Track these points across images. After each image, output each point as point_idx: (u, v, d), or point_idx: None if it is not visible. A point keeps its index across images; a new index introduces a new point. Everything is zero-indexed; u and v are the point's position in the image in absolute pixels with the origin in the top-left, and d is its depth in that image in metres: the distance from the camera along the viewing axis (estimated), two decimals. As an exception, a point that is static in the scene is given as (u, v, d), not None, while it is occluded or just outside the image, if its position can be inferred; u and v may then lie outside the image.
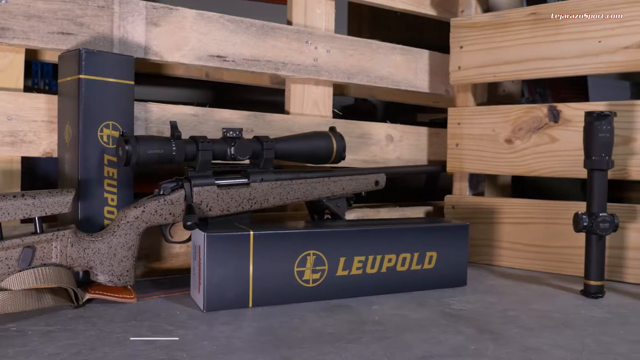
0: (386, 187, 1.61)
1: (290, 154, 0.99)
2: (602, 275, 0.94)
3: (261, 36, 1.09)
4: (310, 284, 0.87)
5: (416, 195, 1.60)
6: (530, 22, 1.13)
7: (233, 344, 0.68)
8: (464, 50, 1.22)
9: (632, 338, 0.73)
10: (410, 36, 1.43)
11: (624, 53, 1.04)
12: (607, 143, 0.93)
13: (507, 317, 0.82)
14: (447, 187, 1.33)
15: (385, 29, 1.90)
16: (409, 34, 1.65)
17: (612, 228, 0.93)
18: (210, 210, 0.90)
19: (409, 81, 1.28)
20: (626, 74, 2.00)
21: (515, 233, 1.16)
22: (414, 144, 1.29)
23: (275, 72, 1.10)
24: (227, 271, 0.82)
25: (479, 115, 1.21)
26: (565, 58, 1.10)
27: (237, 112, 1.07)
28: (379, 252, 0.92)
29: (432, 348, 0.68)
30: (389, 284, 0.93)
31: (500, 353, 0.67)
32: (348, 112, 2.39)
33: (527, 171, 1.15)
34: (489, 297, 0.93)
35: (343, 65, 1.18)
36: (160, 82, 1.58)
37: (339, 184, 1.04)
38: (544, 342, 0.71)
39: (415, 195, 1.60)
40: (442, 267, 0.97)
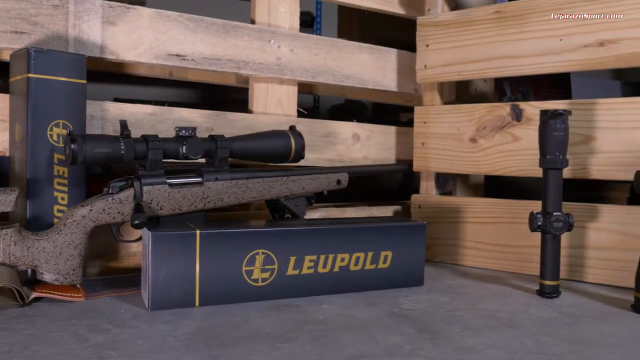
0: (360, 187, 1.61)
1: (247, 153, 0.98)
2: (557, 275, 0.93)
3: (222, 35, 1.08)
4: (260, 283, 0.87)
5: (391, 194, 1.59)
6: (494, 21, 1.13)
7: (167, 343, 0.68)
8: (430, 48, 1.21)
9: (574, 338, 0.73)
10: (401, 36, 1.41)
11: (585, 51, 1.03)
12: (562, 142, 0.92)
13: (453, 317, 0.81)
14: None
15: (376, 29, 1.89)
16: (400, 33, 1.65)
17: (566, 227, 0.92)
18: (161, 209, 0.89)
19: (376, 80, 1.27)
20: (618, 72, 2.00)
21: (479, 232, 1.15)
22: (382, 143, 1.29)
23: (236, 71, 1.10)
24: (172, 270, 0.82)
25: (444, 114, 1.20)
26: (528, 56, 1.09)
27: (197, 111, 1.07)
28: (331, 252, 0.91)
29: (366, 348, 0.68)
30: (342, 284, 0.92)
31: (433, 353, 0.66)
32: (337, 112, 2.39)
33: (491, 170, 1.14)
34: (443, 297, 0.92)
35: (307, 64, 1.18)
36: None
37: (298, 183, 1.04)
38: (482, 342, 0.71)
39: (390, 194, 1.59)
40: (397, 266, 0.96)
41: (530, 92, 1.75)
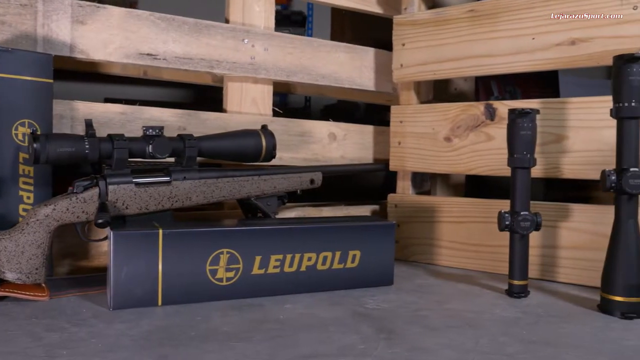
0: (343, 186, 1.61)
1: (216, 152, 0.98)
2: (525, 274, 0.93)
3: (194, 34, 1.08)
4: (224, 283, 0.87)
5: (374, 194, 1.59)
6: (468, 19, 1.12)
7: (120, 342, 0.68)
8: (406, 47, 1.21)
9: (532, 338, 0.72)
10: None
11: (556, 50, 1.02)
12: (529, 141, 0.91)
13: (416, 316, 0.81)
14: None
15: (369, 30, 1.89)
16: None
17: (533, 227, 0.91)
18: (127, 209, 0.89)
19: (353, 79, 1.27)
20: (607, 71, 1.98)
21: (454, 232, 1.15)
22: (359, 143, 1.29)
23: (209, 71, 1.10)
24: (134, 269, 0.82)
25: (420, 114, 1.20)
26: (502, 55, 1.08)
27: (169, 110, 1.07)
28: (298, 251, 0.91)
29: (320, 347, 0.67)
30: (310, 283, 0.92)
31: (385, 353, 0.66)
32: (329, 112, 2.39)
33: (466, 169, 1.14)
34: (410, 296, 0.92)
35: (282, 64, 1.18)
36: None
37: (269, 183, 1.04)
38: (439, 342, 0.70)
39: (373, 194, 1.59)
40: (366, 266, 0.96)
41: (518, 91, 1.75)
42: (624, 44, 0.96)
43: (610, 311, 0.83)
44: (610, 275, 0.84)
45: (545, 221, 1.04)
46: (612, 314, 0.83)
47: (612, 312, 0.83)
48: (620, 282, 0.83)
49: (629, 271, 0.82)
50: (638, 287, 0.82)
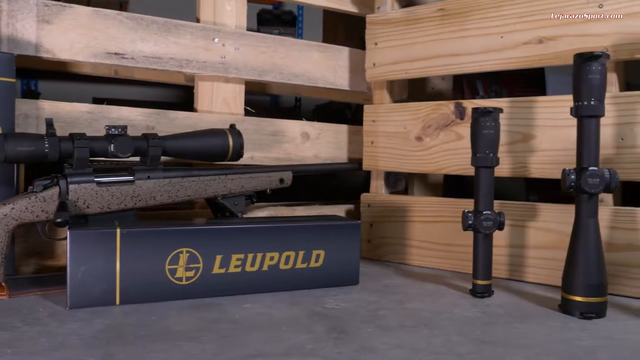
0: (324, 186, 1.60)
1: (181, 151, 0.98)
2: (488, 274, 0.93)
3: (163, 33, 1.08)
4: (184, 282, 0.87)
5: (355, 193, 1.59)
6: (438, 18, 1.12)
7: (68, 341, 0.67)
8: (379, 47, 1.21)
9: (485, 339, 0.72)
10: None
11: (524, 49, 1.02)
12: (492, 140, 0.91)
13: (373, 316, 0.81)
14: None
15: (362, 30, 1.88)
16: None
17: (496, 226, 0.91)
18: (88, 208, 0.89)
19: (327, 79, 1.27)
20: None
21: (425, 231, 1.14)
22: (333, 142, 1.28)
23: (179, 70, 1.10)
24: (91, 268, 0.81)
25: (392, 113, 1.20)
26: (471, 54, 1.08)
27: (137, 110, 1.07)
28: (260, 250, 0.91)
29: (267, 347, 0.67)
30: (272, 283, 0.92)
31: (331, 353, 0.66)
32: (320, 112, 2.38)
33: (436, 169, 1.13)
34: (372, 296, 0.92)
35: (254, 63, 1.17)
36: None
37: (237, 182, 1.03)
38: (389, 342, 0.70)
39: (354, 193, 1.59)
40: (331, 265, 0.96)
41: (504, 91, 1.74)
42: (590, 43, 0.95)
43: (570, 311, 0.83)
44: (570, 275, 0.83)
45: (514, 221, 1.04)
46: (571, 314, 0.83)
47: (571, 312, 0.83)
48: (580, 282, 0.82)
49: (589, 271, 0.82)
50: (597, 287, 0.82)
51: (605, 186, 0.81)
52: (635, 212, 0.92)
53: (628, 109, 0.93)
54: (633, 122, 0.92)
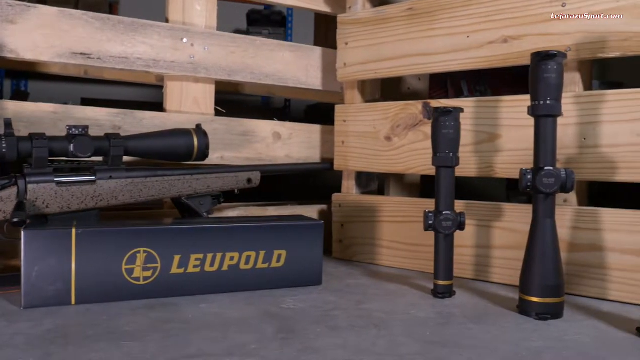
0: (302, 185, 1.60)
1: (145, 151, 0.98)
2: (449, 274, 0.92)
3: (130, 33, 1.08)
4: (141, 282, 0.87)
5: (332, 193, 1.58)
6: (406, 18, 1.11)
7: (12, 341, 0.67)
8: (349, 46, 1.20)
9: (433, 339, 0.71)
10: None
11: (490, 48, 1.01)
12: (452, 139, 0.90)
13: (326, 316, 0.80)
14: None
15: None
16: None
17: (455, 226, 0.91)
18: (47, 208, 0.89)
19: (298, 79, 1.26)
20: (599, 72, 1.97)
21: (394, 232, 1.14)
22: (305, 142, 1.28)
23: (146, 70, 1.10)
24: (46, 268, 0.81)
25: (362, 113, 1.19)
26: (438, 54, 1.08)
27: (104, 110, 1.07)
28: (219, 250, 0.91)
29: (210, 347, 0.67)
30: (233, 283, 0.92)
31: (273, 353, 0.65)
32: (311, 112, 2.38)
33: (405, 169, 1.13)
34: (332, 296, 0.91)
35: (224, 63, 1.17)
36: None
37: (203, 182, 1.03)
38: (334, 342, 0.69)
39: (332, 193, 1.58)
40: (293, 266, 0.96)
41: (489, 91, 1.74)
42: (554, 42, 0.95)
43: (527, 312, 0.82)
44: (526, 275, 0.83)
45: (479, 221, 1.03)
46: (528, 314, 0.82)
47: (528, 313, 0.82)
48: (537, 282, 0.81)
49: (545, 272, 0.81)
50: (554, 287, 0.81)
51: (561, 186, 0.81)
52: (597, 212, 0.91)
53: (590, 109, 0.92)
54: (595, 122, 0.92)
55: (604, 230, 0.91)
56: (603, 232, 0.91)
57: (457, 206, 1.03)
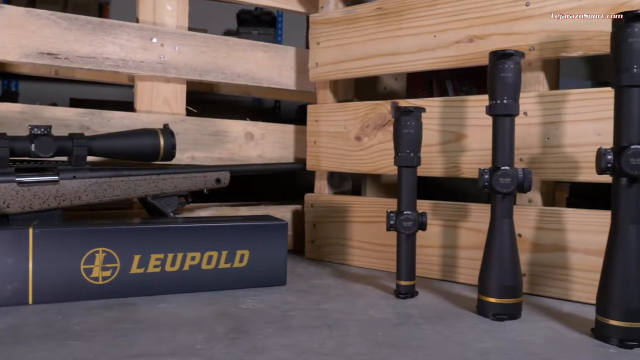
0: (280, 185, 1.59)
1: (109, 151, 0.98)
2: (411, 275, 0.92)
3: (99, 33, 1.08)
4: (100, 282, 0.87)
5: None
6: (376, 18, 1.11)
7: (-41, 341, 0.68)
8: (321, 46, 1.20)
9: (383, 340, 0.71)
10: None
11: (456, 47, 1.01)
12: (413, 139, 0.90)
13: (282, 317, 0.80)
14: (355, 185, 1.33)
15: None
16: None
17: (416, 226, 0.90)
18: (8, 207, 0.89)
19: (272, 78, 1.26)
20: (592, 72, 1.96)
21: (363, 232, 1.14)
22: (278, 142, 1.28)
23: (115, 70, 1.10)
24: (4, 268, 0.81)
25: (333, 113, 1.19)
26: (406, 53, 1.07)
27: (71, 110, 1.07)
28: (180, 250, 0.91)
29: (156, 347, 0.67)
30: (194, 283, 0.92)
31: (218, 353, 0.65)
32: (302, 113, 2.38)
33: (374, 169, 1.13)
34: (293, 296, 0.91)
35: (195, 63, 1.17)
36: None
37: (169, 182, 1.03)
38: (283, 342, 0.69)
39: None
40: (256, 266, 0.95)
41: (474, 90, 1.73)
42: (518, 41, 0.94)
43: (484, 312, 0.82)
44: (484, 276, 0.82)
45: (446, 221, 1.03)
46: (486, 315, 0.82)
47: (486, 314, 0.82)
48: (494, 283, 0.81)
49: (502, 272, 0.81)
50: (511, 288, 0.81)
51: (517, 186, 0.80)
52: (561, 212, 0.91)
53: (554, 108, 0.92)
54: (558, 122, 0.91)
55: (568, 230, 0.90)
56: (567, 232, 0.90)
57: (423, 206, 1.03)
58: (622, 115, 0.71)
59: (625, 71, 0.70)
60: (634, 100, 0.70)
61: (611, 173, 0.72)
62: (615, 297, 0.70)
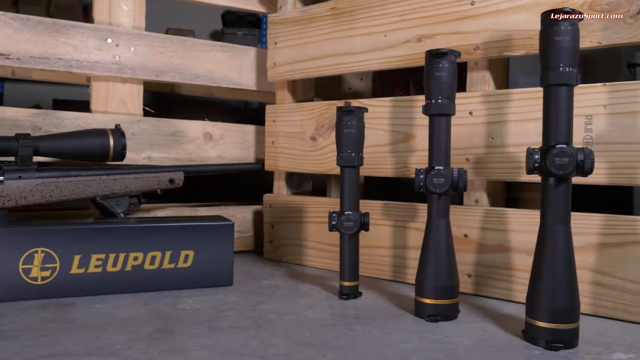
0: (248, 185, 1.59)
1: (56, 151, 0.98)
2: (355, 275, 0.91)
3: (52, 34, 1.08)
4: (39, 282, 0.87)
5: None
6: (330, 17, 1.11)
7: None
8: (278, 46, 1.20)
9: (308, 341, 0.71)
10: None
11: (405, 47, 1.01)
12: (354, 139, 0.90)
13: (216, 317, 0.80)
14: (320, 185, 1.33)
15: None
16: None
17: (357, 227, 0.90)
18: (-50, 207, 0.90)
19: (231, 79, 1.26)
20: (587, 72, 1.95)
21: (319, 232, 1.13)
22: (238, 142, 1.28)
23: (68, 70, 1.10)
24: (-62, 268, 0.82)
25: (290, 113, 1.19)
26: (358, 53, 1.07)
27: (24, 110, 1.07)
28: (122, 250, 0.91)
29: (76, 347, 0.66)
30: (137, 283, 0.91)
31: (136, 354, 0.65)
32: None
33: (328, 169, 1.12)
34: (236, 297, 0.91)
35: (151, 63, 1.17)
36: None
37: (120, 182, 1.03)
38: (205, 343, 0.69)
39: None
40: (201, 266, 0.95)
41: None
42: (464, 40, 0.94)
43: (420, 314, 0.81)
44: (420, 276, 0.82)
45: (396, 222, 1.02)
46: (421, 316, 0.81)
47: (421, 315, 0.81)
48: (429, 283, 0.81)
49: (438, 273, 0.80)
50: (447, 289, 0.80)
51: (452, 186, 0.80)
52: (504, 212, 0.90)
53: (498, 107, 0.91)
54: (502, 121, 0.90)
55: (511, 230, 0.90)
56: (510, 232, 0.90)
57: (374, 206, 1.03)
58: (550, 114, 0.71)
59: (552, 70, 0.69)
60: (561, 99, 0.70)
61: (539, 173, 0.71)
62: (542, 299, 0.70)
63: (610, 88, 0.81)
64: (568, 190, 0.70)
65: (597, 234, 0.82)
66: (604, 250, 0.81)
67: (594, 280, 0.82)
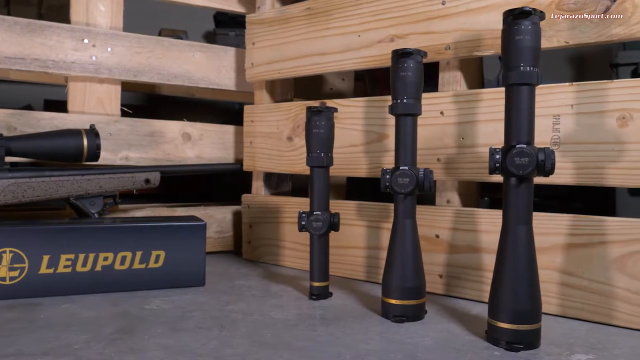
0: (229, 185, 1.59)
1: (29, 151, 0.98)
2: (325, 276, 0.91)
3: (27, 34, 1.09)
4: (7, 282, 0.87)
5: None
6: (306, 17, 1.11)
7: None
8: (256, 46, 1.20)
9: (268, 341, 0.70)
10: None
11: (378, 47, 1.00)
12: (323, 139, 0.89)
13: (180, 317, 0.80)
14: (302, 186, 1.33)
15: None
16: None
17: (326, 227, 0.89)
18: None
19: (210, 79, 1.26)
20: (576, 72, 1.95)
21: (295, 233, 1.13)
22: (218, 143, 1.27)
23: (44, 71, 1.10)
24: None
25: (267, 113, 1.19)
26: (334, 53, 1.07)
27: (-1, 110, 1.07)
28: (92, 250, 0.90)
29: (33, 347, 0.66)
30: (107, 283, 0.91)
31: (92, 354, 0.65)
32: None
33: (304, 169, 1.12)
34: (205, 297, 0.91)
35: (128, 63, 1.17)
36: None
37: (94, 182, 1.03)
38: (164, 343, 0.69)
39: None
40: (172, 266, 0.95)
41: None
42: (435, 40, 0.94)
43: (386, 314, 0.81)
44: (386, 277, 0.81)
45: (370, 222, 1.02)
46: (387, 317, 0.81)
47: (387, 315, 0.81)
48: (395, 284, 0.80)
49: (404, 273, 0.80)
50: (412, 289, 0.80)
51: (417, 186, 0.79)
52: (474, 213, 0.90)
53: (469, 107, 0.91)
54: (473, 121, 0.90)
55: (481, 231, 0.89)
56: (480, 233, 0.89)
57: (348, 206, 1.03)
58: (511, 114, 0.70)
59: (513, 69, 0.69)
60: (522, 98, 0.69)
61: (500, 173, 0.71)
62: (503, 300, 0.69)
63: (577, 88, 0.81)
64: (529, 190, 0.70)
65: (564, 235, 0.81)
66: (571, 251, 0.81)
67: (561, 281, 0.82)
